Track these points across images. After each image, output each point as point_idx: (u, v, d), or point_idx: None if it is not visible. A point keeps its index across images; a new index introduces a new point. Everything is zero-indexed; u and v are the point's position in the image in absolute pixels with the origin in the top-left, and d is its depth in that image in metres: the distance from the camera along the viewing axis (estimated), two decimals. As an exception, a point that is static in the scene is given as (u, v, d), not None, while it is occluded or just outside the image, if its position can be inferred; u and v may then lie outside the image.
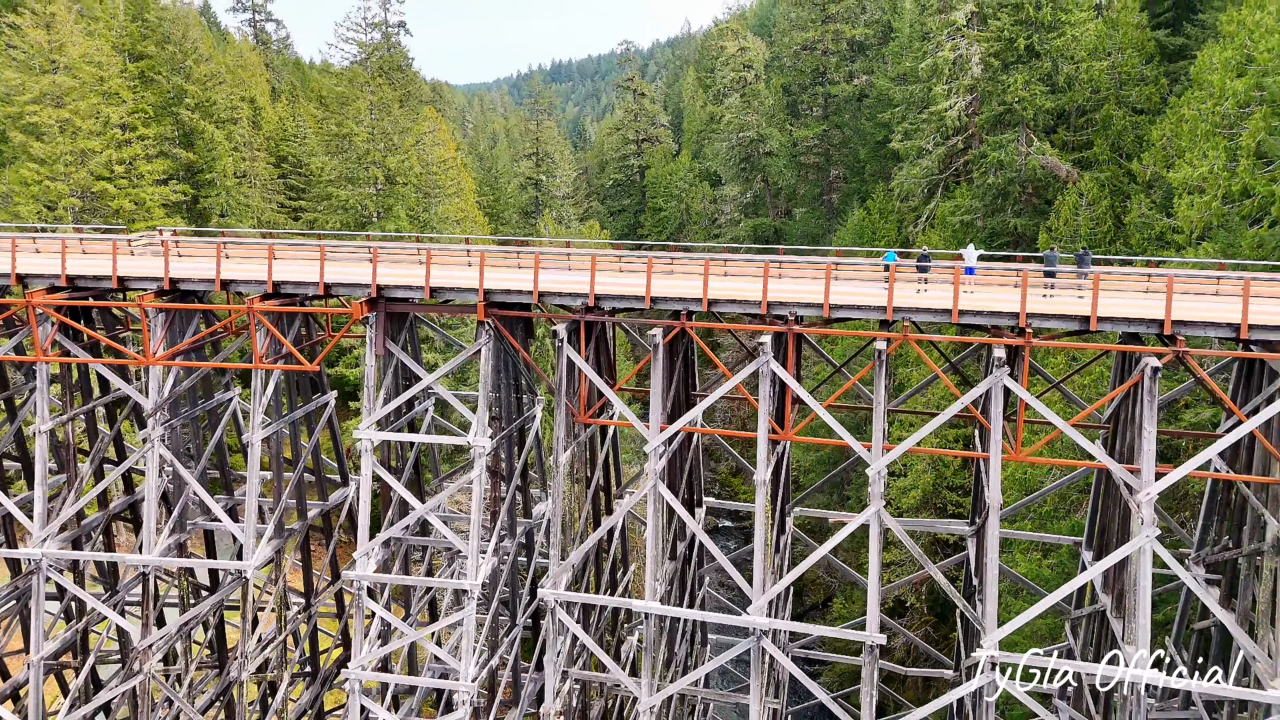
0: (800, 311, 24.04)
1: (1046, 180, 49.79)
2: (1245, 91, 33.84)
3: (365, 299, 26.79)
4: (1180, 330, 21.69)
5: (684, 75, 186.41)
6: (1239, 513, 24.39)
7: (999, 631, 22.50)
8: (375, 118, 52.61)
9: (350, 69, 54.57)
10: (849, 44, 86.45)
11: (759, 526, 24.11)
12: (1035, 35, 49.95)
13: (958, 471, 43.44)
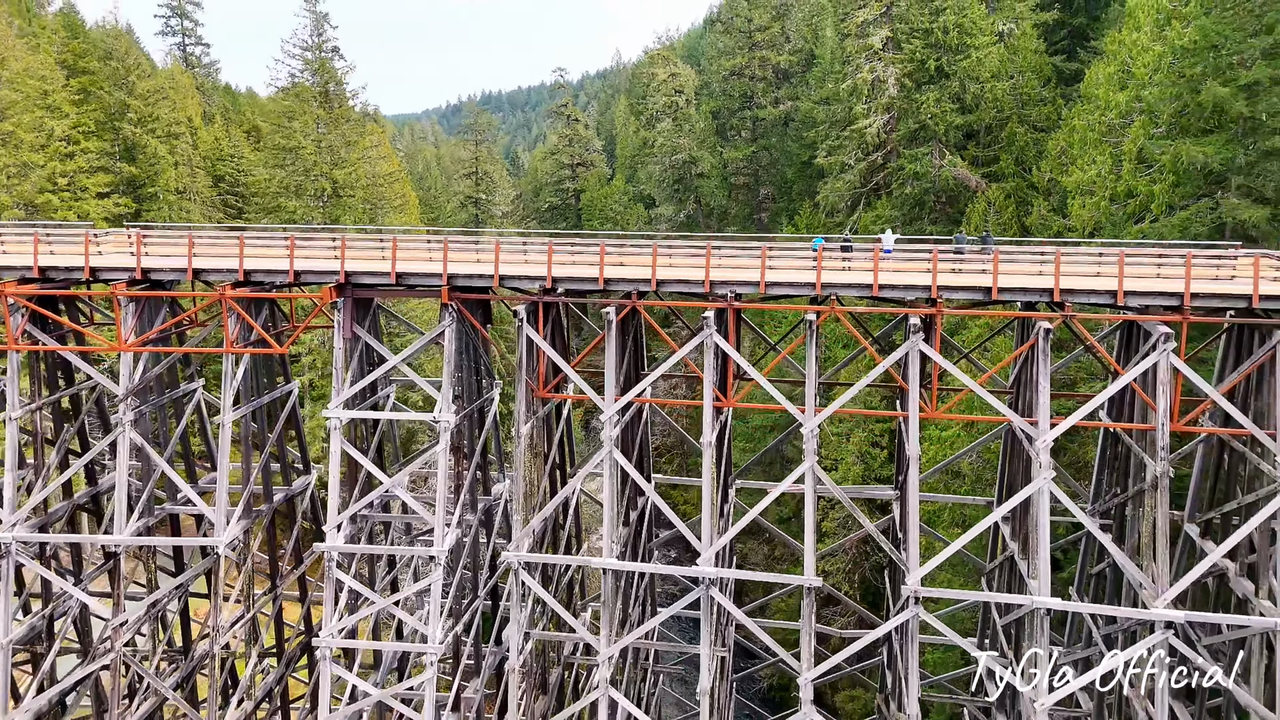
0: (739, 290, 26.63)
1: (958, 190, 53.90)
2: (1126, 103, 38.03)
3: (334, 285, 28.59)
4: (1068, 298, 24.94)
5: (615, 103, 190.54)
6: (1125, 461, 27.71)
7: (920, 570, 25.20)
8: (322, 130, 54.10)
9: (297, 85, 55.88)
10: (774, 70, 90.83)
11: (706, 485, 26.47)
12: (944, 57, 54.24)
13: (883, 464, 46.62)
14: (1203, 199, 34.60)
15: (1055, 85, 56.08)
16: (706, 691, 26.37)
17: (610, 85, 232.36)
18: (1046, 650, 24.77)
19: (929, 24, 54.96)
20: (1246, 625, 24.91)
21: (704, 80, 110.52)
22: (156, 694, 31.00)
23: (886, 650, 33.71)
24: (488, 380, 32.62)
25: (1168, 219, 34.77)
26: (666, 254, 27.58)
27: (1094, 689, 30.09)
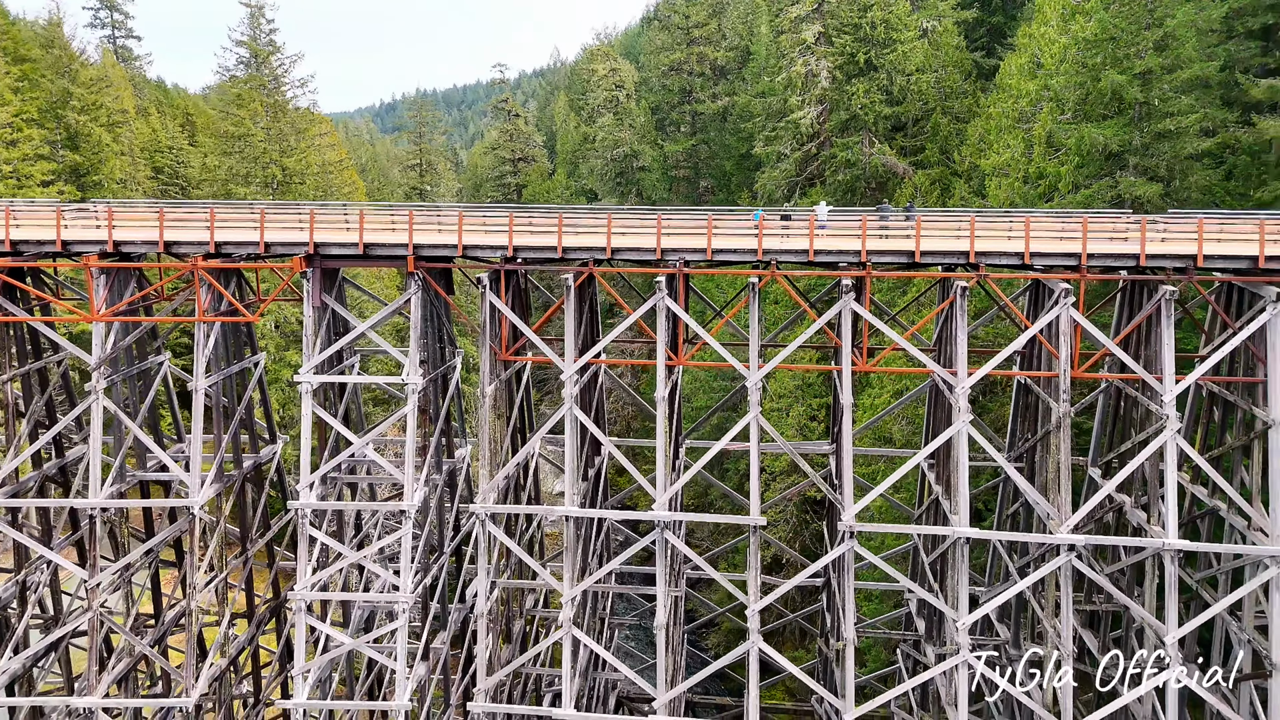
0: (688, 256, 28.88)
1: (887, 176, 57.15)
2: (1036, 91, 41.39)
3: (303, 255, 30.04)
4: (982, 259, 27.75)
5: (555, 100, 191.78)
6: (1034, 410, 30.76)
7: (854, 506, 27.79)
8: (271, 118, 54.85)
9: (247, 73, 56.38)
10: (712, 66, 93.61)
11: (660, 435, 28.67)
12: (872, 52, 57.42)
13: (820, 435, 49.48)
14: (1104, 178, 38.02)
15: (975, 79, 59.78)
16: (663, 626, 28.57)
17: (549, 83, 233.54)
18: (966, 578, 27.56)
19: (858, 19, 58.11)
20: (1141, 548, 28.10)
21: (643, 76, 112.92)
22: (130, 655, 32.05)
23: (826, 596, 36.37)
24: (450, 348, 34.33)
25: (1073, 196, 38.11)
26: (620, 224, 29.64)
27: (1011, 618, 33.14)
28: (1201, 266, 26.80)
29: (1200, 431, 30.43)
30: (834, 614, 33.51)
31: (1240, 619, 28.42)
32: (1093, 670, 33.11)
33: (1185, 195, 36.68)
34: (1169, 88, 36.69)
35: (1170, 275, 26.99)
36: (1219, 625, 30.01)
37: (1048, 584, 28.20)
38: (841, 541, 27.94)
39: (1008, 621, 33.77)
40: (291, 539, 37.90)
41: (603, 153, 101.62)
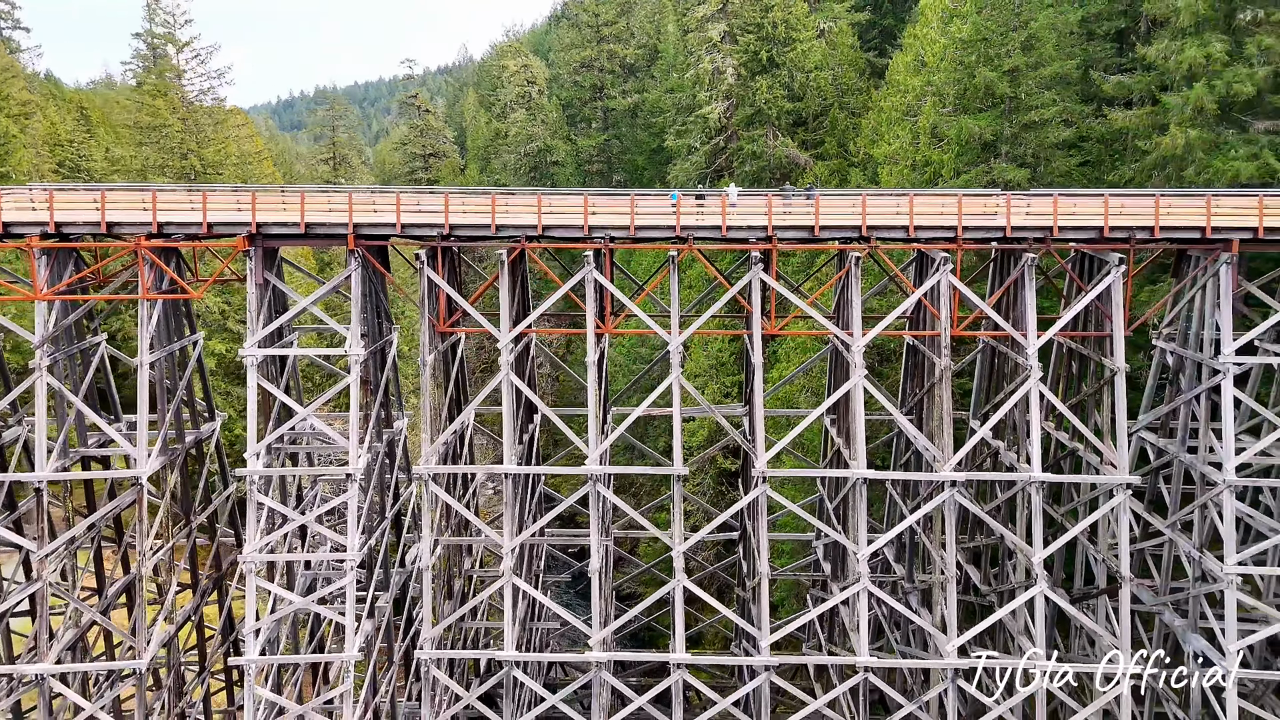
0: (613, 233, 31.59)
1: (790, 167, 60.97)
2: (920, 87, 45.59)
3: (246, 235, 31.56)
4: (873, 233, 31.28)
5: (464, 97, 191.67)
6: (921, 367, 34.61)
7: (766, 454, 31.00)
8: (189, 109, 55.06)
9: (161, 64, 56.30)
10: (622, 64, 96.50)
11: (591, 396, 31.33)
12: (774, 50, 61.17)
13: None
14: (980, 165, 42.37)
15: (869, 77, 64.29)
16: (597, 570, 31.25)
17: (457, 80, 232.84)
18: (865, 515, 31.03)
19: (760, 20, 61.78)
20: (1013, 484, 32.18)
21: (554, 73, 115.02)
22: (77, 626, 32.97)
23: (743, 546, 39.63)
24: (387, 323, 36.20)
25: (954, 181, 42.32)
26: (550, 204, 32.09)
27: (906, 557, 37.02)
28: (1057, 237, 30.89)
29: (1061, 384, 34.81)
30: (750, 559, 36.77)
31: (1096, 544, 32.81)
32: (977, 599, 37.35)
33: (1049, 179, 41.28)
34: (1034, 83, 41.20)
35: (1032, 245, 31.01)
36: (1080, 551, 34.48)
37: (935, 519, 32.00)
38: (756, 485, 31.12)
39: (903, 562, 37.65)
40: (230, 516, 39.06)
41: (515, 148, 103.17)
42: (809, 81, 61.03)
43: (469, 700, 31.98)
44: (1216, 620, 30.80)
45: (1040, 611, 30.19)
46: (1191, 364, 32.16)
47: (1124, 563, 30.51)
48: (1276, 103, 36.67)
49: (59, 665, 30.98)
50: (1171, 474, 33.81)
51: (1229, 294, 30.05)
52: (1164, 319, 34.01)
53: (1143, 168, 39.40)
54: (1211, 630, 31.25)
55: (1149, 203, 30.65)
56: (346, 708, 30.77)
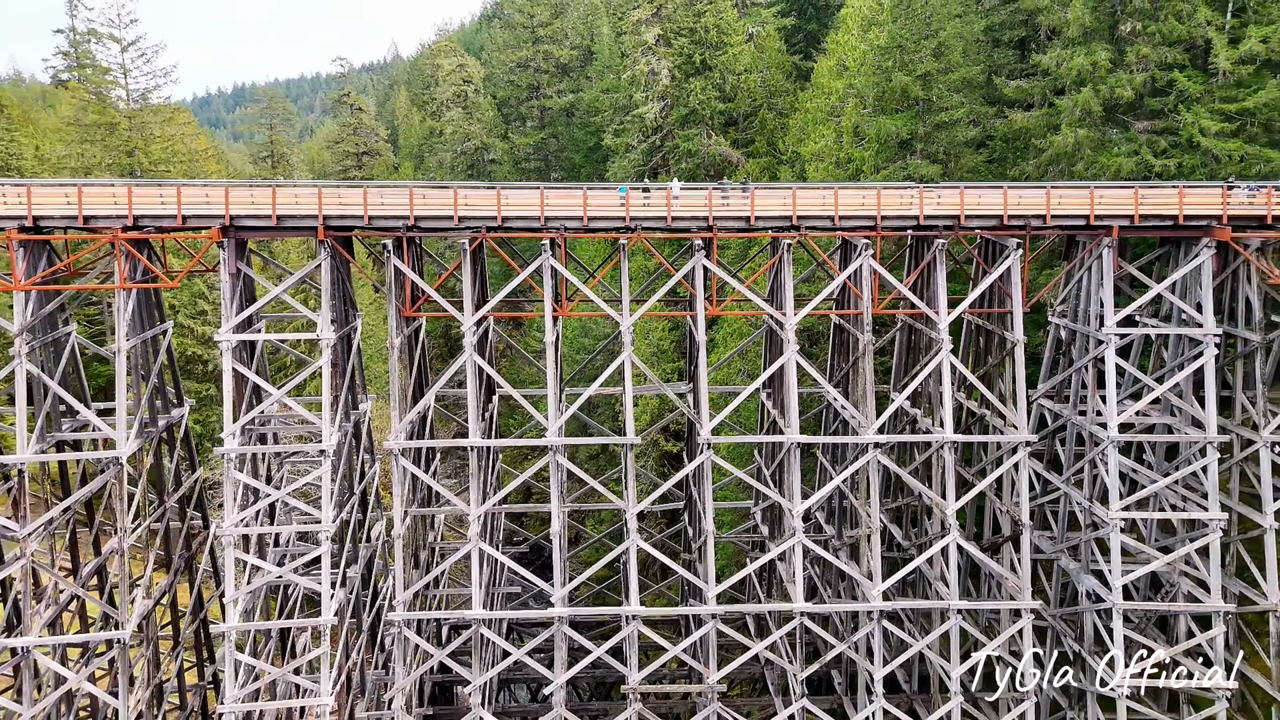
0: (568, 223, 34.33)
1: (724, 165, 64.46)
2: (843, 90, 49.40)
3: (219, 226, 33.40)
4: (802, 222, 34.68)
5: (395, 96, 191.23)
6: (847, 344, 38.22)
7: (710, 423, 34.17)
8: (136, 106, 55.72)
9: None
10: (557, 64, 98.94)
11: (550, 373, 34.04)
12: (707, 53, 64.57)
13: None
14: (897, 161, 46.35)
15: (795, 79, 68.21)
16: (559, 534, 34.01)
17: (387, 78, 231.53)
18: (798, 476, 34.41)
19: (693, 24, 65.10)
20: (927, 444, 35.97)
21: (489, 71, 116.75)
22: (57, 603, 34.36)
23: (688, 514, 42.79)
24: (352, 310, 38.29)
25: (875, 176, 46.22)
26: (509, 197, 34.66)
27: (835, 518, 40.65)
28: (964, 225, 34.70)
29: (970, 356, 38.84)
30: (695, 523, 39.94)
31: (1002, 498, 36.86)
32: (899, 555, 41.21)
33: (958, 174, 45.47)
34: (944, 87, 45.33)
35: (942, 232, 34.79)
36: (988, 506, 38.54)
37: (860, 480, 35.62)
38: (701, 452, 34.27)
39: (833, 523, 41.29)
40: (197, 500, 40.62)
41: (451, 146, 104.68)
42: (739, 83, 64.61)
43: (440, 657, 34.41)
44: (1105, 562, 35.04)
45: (953, 558, 34.01)
46: (1081, 337, 36.44)
47: (1024, 512, 34.55)
48: (1153, 105, 41.37)
49: (45, 638, 32.39)
50: (1066, 436, 38.13)
51: (1110, 274, 34.28)
52: (1058, 297, 38.27)
53: (1040, 163, 43.81)
54: (1101, 571, 35.51)
55: (1042, 194, 34.68)
56: (324, 670, 32.93)
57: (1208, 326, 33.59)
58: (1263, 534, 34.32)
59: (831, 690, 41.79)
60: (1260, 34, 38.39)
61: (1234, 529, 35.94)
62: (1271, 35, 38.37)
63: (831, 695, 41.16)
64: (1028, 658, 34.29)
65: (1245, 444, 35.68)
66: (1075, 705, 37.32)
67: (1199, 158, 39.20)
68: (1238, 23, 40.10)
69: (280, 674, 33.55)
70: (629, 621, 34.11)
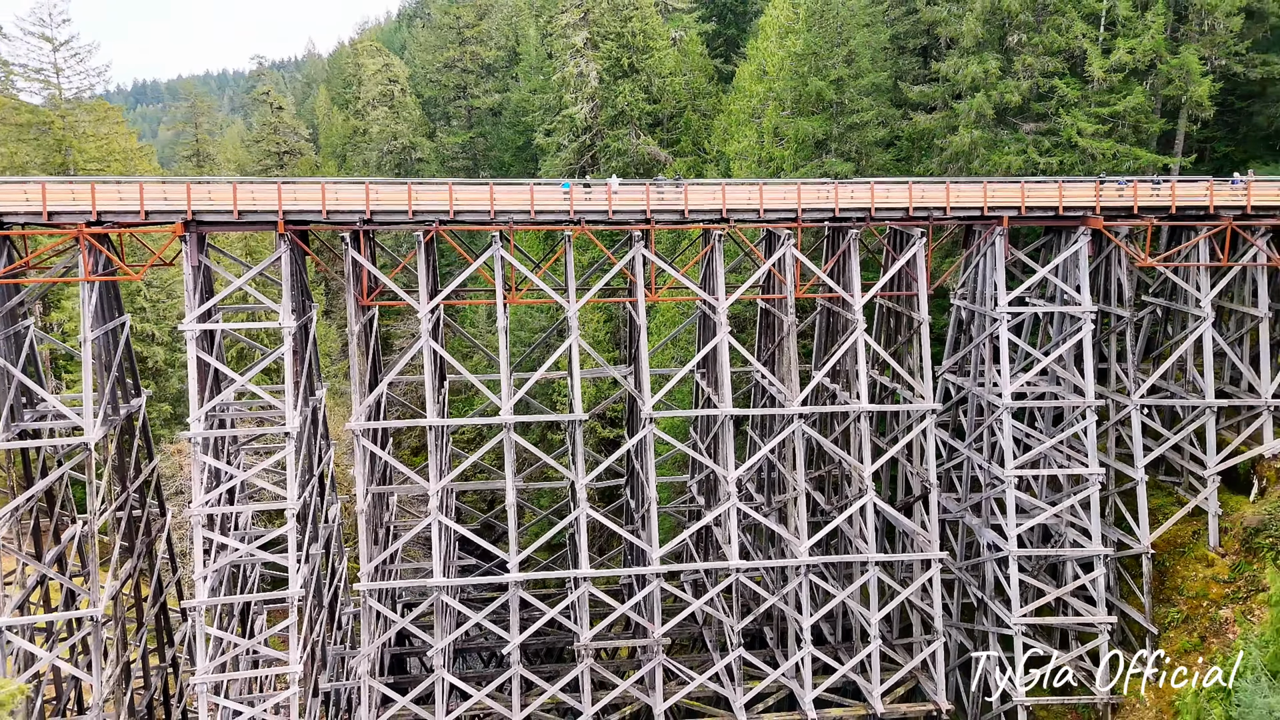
0: (515, 216, 36.98)
1: (652, 163, 67.68)
2: (763, 93, 53.10)
3: (182, 221, 35.02)
4: (731, 215, 38.04)
5: (314, 94, 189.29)
6: (773, 325, 41.81)
7: (652, 399, 37.28)
8: (70, 105, 55.83)
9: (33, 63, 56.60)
10: (483, 65, 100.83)
11: (503, 355, 36.65)
12: (634, 56, 67.69)
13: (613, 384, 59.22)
14: (814, 160, 50.23)
15: (717, 82, 71.92)
16: (513, 504, 36.64)
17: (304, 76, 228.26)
18: (731, 446, 37.78)
19: (620, 29, 68.11)
20: (845, 414, 39.77)
21: (413, 70, 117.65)
22: (24, 586, 35.43)
23: (630, 487, 45.82)
24: (308, 300, 40.15)
25: (794, 174, 50.00)
26: (460, 192, 37.08)
27: (765, 487, 44.25)
28: (875, 217, 38.57)
29: (882, 335, 42.87)
30: (638, 494, 43.02)
31: (912, 463, 40.95)
32: (822, 519, 45.01)
33: (869, 171, 49.59)
34: (855, 91, 49.39)
35: (855, 223, 38.61)
36: (900, 471, 42.63)
37: (787, 449, 39.21)
38: (644, 426, 37.36)
39: (763, 491, 44.90)
40: (156, 487, 41.86)
41: (378, 145, 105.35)
42: (665, 86, 67.92)
43: (403, 624, 36.69)
44: (1002, 517, 39.39)
45: (870, 517, 37.89)
46: (978, 316, 40.79)
47: (931, 474, 38.66)
48: (1038, 109, 46.11)
49: (18, 618, 33.55)
50: (967, 406, 42.50)
51: (1002, 260, 38.61)
52: (958, 281, 42.59)
53: (941, 161, 48.26)
54: (999, 525, 39.87)
55: (942, 189, 38.79)
56: (293, 640, 34.91)
57: (1085, 305, 38.19)
58: (1135, 486, 39.16)
59: (764, 645, 45.42)
60: (1128, 45, 43.40)
61: (1111, 483, 40.76)
62: (1138, 47, 43.41)
63: (764, 649, 44.79)
64: (937, 603, 38.41)
65: (1119, 408, 40.55)
66: (979, 645, 41.70)
67: (1077, 156, 44.01)
68: (1109, 35, 45.09)
69: (252, 645, 35.40)
70: (580, 584, 37.00)
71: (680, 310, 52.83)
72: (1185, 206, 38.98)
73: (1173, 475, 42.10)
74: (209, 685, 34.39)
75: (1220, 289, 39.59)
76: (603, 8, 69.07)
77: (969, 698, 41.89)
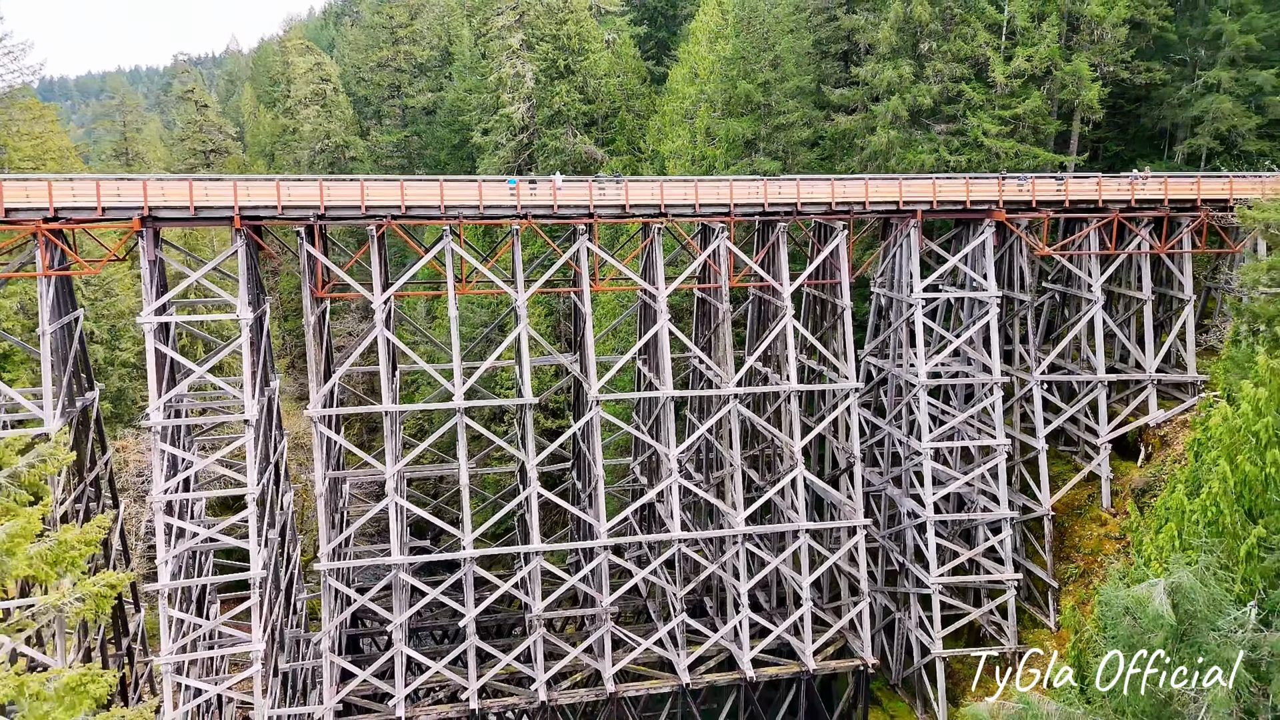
0: (465, 211, 38.95)
1: (589, 161, 70.01)
2: (695, 95, 55.92)
3: (139, 217, 36.10)
4: (669, 209, 40.68)
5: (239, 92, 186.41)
6: (709, 313, 44.61)
7: (598, 383, 39.69)
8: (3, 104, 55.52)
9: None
10: (416, 64, 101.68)
11: (455, 343, 38.61)
12: (569, 58, 69.93)
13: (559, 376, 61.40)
14: (744, 159, 53.26)
15: (650, 83, 74.60)
16: (466, 485, 38.64)
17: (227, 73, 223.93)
18: (673, 425, 40.45)
19: (555, 32, 70.26)
20: (777, 395, 42.78)
21: (343, 69, 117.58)
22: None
23: (577, 469, 48.13)
24: (261, 294, 41.43)
25: (726, 171, 52.94)
26: (411, 189, 38.89)
27: (703, 467, 47.05)
28: (801, 211, 41.65)
29: (809, 321, 46.06)
30: (585, 475, 45.38)
31: (838, 439, 44.22)
32: (756, 494, 48.00)
33: (795, 169, 52.82)
34: (781, 94, 52.56)
35: (783, 217, 41.62)
36: (828, 447, 45.88)
37: (723, 428, 42.02)
38: (591, 408, 39.74)
39: (702, 470, 47.70)
40: (110, 479, 42.61)
41: (309, 144, 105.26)
42: (600, 86, 70.33)
43: (363, 602, 38.39)
44: (920, 487, 42.88)
45: (800, 488, 40.94)
46: (896, 302, 44.24)
47: (855, 448, 41.94)
48: (948, 111, 49.91)
49: (-19, 606, 34.24)
50: (888, 387, 45.97)
51: (917, 250, 42.08)
52: (878, 270, 46.02)
53: (861, 159, 51.76)
54: (918, 494, 43.37)
55: (862, 186, 42.04)
56: (255, 619, 36.33)
57: (991, 291, 41.90)
58: (1037, 455, 43.08)
59: (705, 614, 48.25)
60: (1026, 53, 47.43)
61: (1016, 453, 44.68)
62: (1035, 55, 47.47)
63: (705, 617, 47.61)
64: (862, 567, 41.70)
65: (1022, 384, 44.48)
66: (901, 606, 45.21)
67: (983, 154, 47.91)
68: (1010, 44, 49.12)
69: (215, 625, 36.68)
70: (531, 559, 39.20)
71: (620, 302, 55.35)
72: (1078, 200, 43.02)
73: (1070, 445, 46.28)
74: (173, 666, 35.60)
75: (1109, 275, 43.78)
76: (537, 10, 71.12)
77: (893, 654, 45.41)
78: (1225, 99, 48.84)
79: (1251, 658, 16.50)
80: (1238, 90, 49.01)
